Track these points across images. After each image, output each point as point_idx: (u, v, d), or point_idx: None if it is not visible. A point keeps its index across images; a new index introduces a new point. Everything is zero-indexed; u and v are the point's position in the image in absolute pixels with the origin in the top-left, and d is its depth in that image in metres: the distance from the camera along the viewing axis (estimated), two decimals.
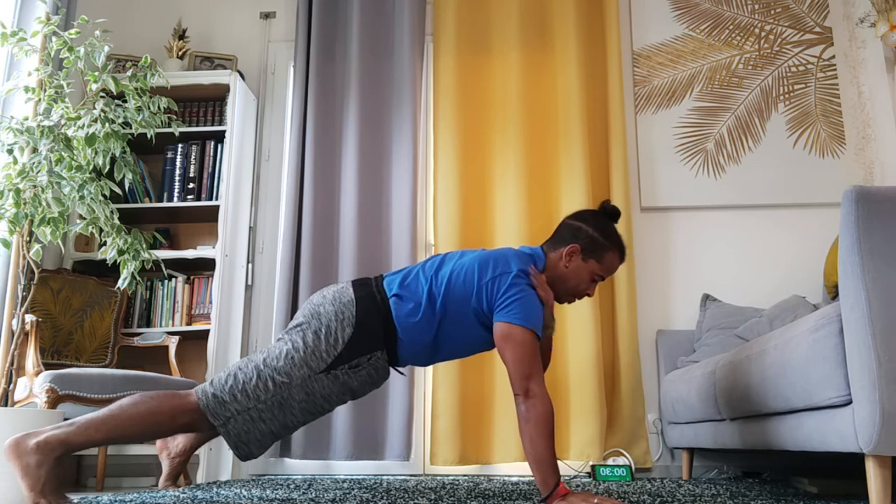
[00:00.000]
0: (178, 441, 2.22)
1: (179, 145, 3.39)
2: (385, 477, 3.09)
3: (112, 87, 2.45)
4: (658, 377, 3.25)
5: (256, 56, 3.75)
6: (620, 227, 3.28)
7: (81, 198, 2.36)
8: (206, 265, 3.35)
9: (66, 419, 2.36)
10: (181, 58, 3.55)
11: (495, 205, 3.39)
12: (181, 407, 1.76)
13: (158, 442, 2.25)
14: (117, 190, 2.53)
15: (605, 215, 2.01)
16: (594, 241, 1.95)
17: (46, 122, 2.35)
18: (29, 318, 2.56)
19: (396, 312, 1.85)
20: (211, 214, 3.37)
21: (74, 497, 2.03)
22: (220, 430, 1.76)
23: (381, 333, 1.84)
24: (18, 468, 1.65)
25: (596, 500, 1.60)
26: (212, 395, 1.76)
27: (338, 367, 1.80)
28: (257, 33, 3.79)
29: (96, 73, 2.48)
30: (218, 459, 3.12)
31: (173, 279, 3.29)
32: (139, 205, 3.31)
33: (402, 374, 2.16)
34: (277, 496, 2.02)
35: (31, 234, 2.46)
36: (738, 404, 2.13)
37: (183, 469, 2.29)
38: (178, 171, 3.36)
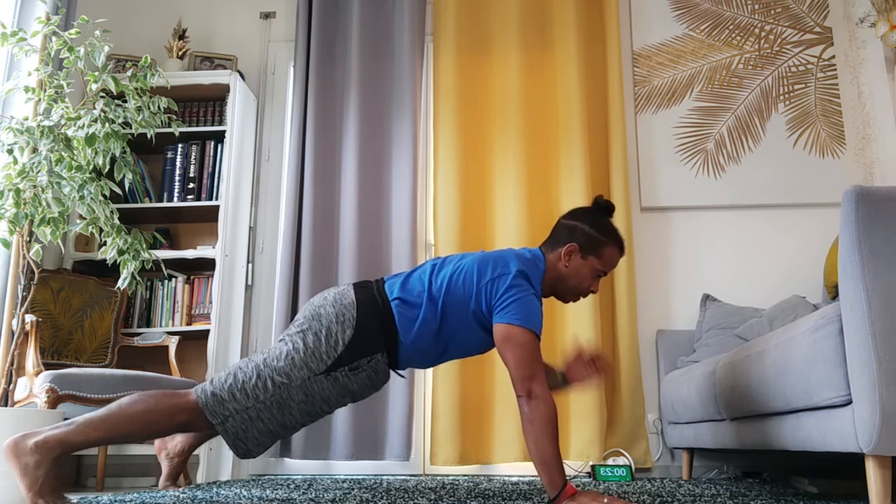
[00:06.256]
0: (177, 441, 2.22)
1: (179, 145, 3.39)
2: (385, 477, 3.09)
3: (112, 87, 2.45)
4: (658, 377, 3.25)
5: (256, 56, 3.75)
6: (620, 227, 3.29)
7: (81, 198, 2.36)
8: (206, 265, 3.35)
9: (66, 419, 2.36)
10: (181, 58, 3.55)
11: (495, 205, 3.39)
12: (179, 405, 1.76)
13: (157, 442, 2.25)
14: (117, 190, 2.53)
15: (598, 211, 2.00)
16: (591, 237, 1.94)
17: (46, 122, 2.35)
18: (29, 318, 2.56)
19: (398, 316, 1.85)
20: (211, 214, 3.37)
21: (74, 497, 2.03)
22: (219, 428, 1.76)
23: (381, 336, 1.84)
24: (17, 468, 1.65)
25: (605, 500, 1.60)
26: (210, 394, 1.76)
27: (337, 369, 1.79)
28: (257, 33, 3.79)
29: (96, 73, 2.48)
30: (218, 459, 3.12)
31: (173, 279, 3.29)
32: (139, 205, 3.31)
33: (402, 376, 2.15)
34: (277, 496, 2.02)
35: (31, 234, 2.46)
36: (738, 404, 2.13)
37: (182, 469, 2.29)
38: (178, 171, 3.36)
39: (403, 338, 1.85)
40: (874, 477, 1.55)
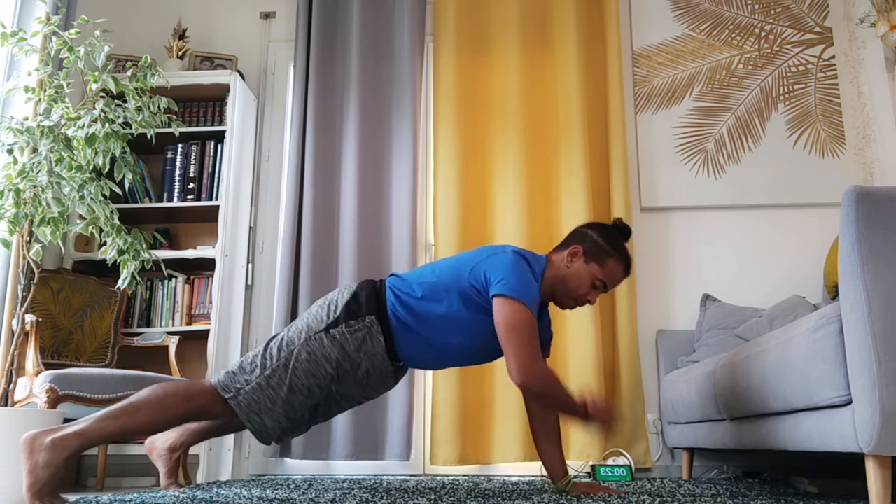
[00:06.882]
0: (167, 437, 2.22)
1: (179, 145, 3.39)
2: (385, 477, 3.09)
3: (112, 87, 2.45)
4: (658, 377, 3.25)
5: (256, 56, 3.75)
6: None
7: (81, 198, 2.36)
8: (206, 265, 3.35)
9: (66, 420, 2.36)
10: (181, 58, 3.55)
11: (495, 205, 3.39)
12: (196, 390, 1.88)
13: (147, 443, 2.25)
14: (117, 190, 2.53)
15: (614, 228, 2.09)
16: (597, 245, 2.02)
17: (46, 122, 2.35)
18: (29, 318, 2.56)
19: (389, 286, 2.02)
20: (211, 214, 3.37)
21: (73, 497, 2.03)
22: (232, 403, 1.87)
23: (373, 301, 1.98)
24: (27, 464, 1.68)
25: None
26: (224, 374, 1.92)
27: (335, 328, 1.94)
28: (257, 33, 3.79)
29: (96, 73, 2.48)
30: (218, 459, 3.13)
31: (173, 279, 3.29)
32: (139, 205, 3.31)
33: (399, 364, 2.14)
34: (277, 496, 2.02)
35: (31, 234, 2.46)
36: (738, 404, 2.13)
37: (177, 466, 2.28)
38: (178, 171, 3.36)
39: (390, 301, 1.97)
40: (874, 477, 1.55)
